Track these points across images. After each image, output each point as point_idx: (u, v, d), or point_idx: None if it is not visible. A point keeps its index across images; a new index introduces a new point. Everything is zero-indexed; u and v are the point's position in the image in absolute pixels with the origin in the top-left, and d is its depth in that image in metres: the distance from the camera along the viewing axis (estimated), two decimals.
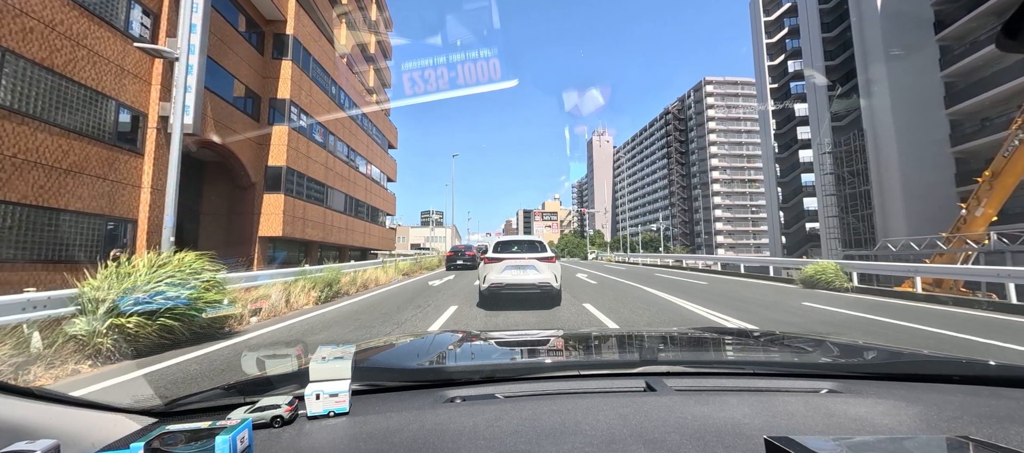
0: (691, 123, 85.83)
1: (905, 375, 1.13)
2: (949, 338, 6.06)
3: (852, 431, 0.80)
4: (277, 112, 19.32)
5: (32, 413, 0.73)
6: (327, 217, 23.61)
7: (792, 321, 7.52)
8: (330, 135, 24.22)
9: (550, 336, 1.82)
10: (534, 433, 0.77)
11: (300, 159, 20.36)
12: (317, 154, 22.34)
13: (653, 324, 6.99)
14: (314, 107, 22.03)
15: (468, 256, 24.48)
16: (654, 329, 3.95)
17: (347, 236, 26.84)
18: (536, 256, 8.12)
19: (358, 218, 29.22)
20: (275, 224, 18.60)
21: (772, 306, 9.19)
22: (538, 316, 7.49)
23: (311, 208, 21.52)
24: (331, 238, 24.11)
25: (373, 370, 1.21)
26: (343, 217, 26.11)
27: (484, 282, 8.17)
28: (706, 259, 28.15)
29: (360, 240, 29.38)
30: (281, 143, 19.07)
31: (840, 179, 34.29)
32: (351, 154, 28.02)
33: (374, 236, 32.79)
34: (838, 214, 34.50)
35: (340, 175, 25.73)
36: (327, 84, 23.82)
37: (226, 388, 1.01)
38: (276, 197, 18.76)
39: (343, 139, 26.44)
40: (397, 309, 8.88)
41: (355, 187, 28.39)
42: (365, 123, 31.08)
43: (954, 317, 7.96)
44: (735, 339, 1.84)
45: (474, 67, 14.79)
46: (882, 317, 7.87)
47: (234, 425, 0.70)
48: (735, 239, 79.49)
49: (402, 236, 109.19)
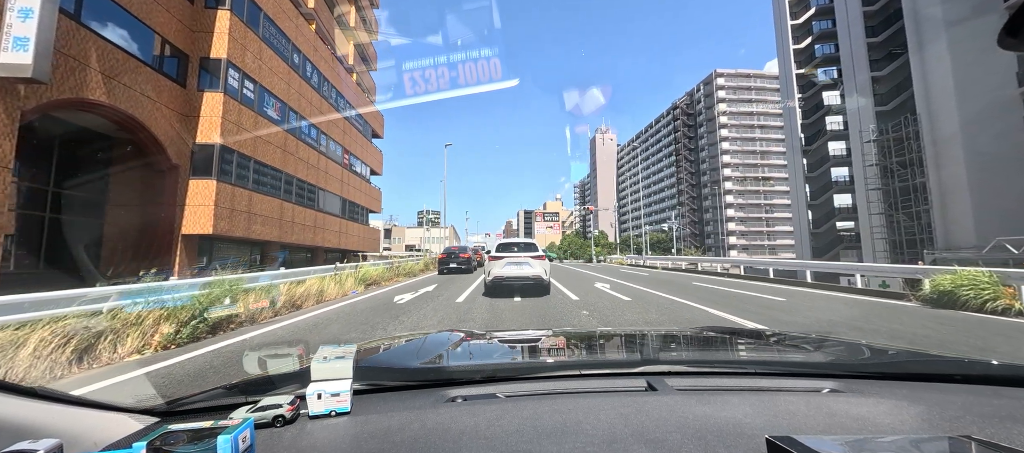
0: (701, 118, 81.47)
1: (907, 375, 1.12)
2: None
3: (854, 431, 0.79)
4: (211, 75, 15.14)
5: (35, 413, 0.73)
6: (286, 212, 19.38)
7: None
8: (291, 112, 20.02)
9: (551, 335, 1.82)
10: (535, 432, 0.77)
11: (245, 137, 16.16)
12: (271, 134, 18.13)
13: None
14: (267, 75, 17.83)
15: (462, 258, 20.31)
16: (655, 328, 3.79)
17: (317, 235, 22.60)
18: (530, 255, 10.36)
19: (332, 215, 24.99)
20: (204, 219, 14.39)
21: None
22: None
23: (262, 200, 17.30)
24: (292, 237, 19.87)
25: (374, 370, 1.21)
26: (310, 213, 21.89)
27: (489, 275, 10.34)
28: (727, 262, 23.79)
29: (335, 240, 25.14)
30: (214, 114, 14.86)
31: (887, 172, 30.04)
32: (323, 139, 23.81)
33: (354, 236, 28.56)
34: (884, 212, 30.24)
35: (307, 162, 21.51)
36: (286, 49, 19.62)
37: (228, 388, 1.01)
38: (206, 184, 14.55)
39: (311, 120, 22.25)
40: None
41: (328, 178, 24.17)
42: (342, 105, 26.89)
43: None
44: (737, 339, 1.78)
45: (475, 67, 14.46)
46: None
47: (236, 425, 0.71)
48: (748, 240, 75.11)
49: (398, 237, 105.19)
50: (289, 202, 19.66)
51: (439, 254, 21.75)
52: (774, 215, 76.61)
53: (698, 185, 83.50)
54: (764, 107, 77.74)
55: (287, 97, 19.58)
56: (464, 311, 8.38)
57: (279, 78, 18.88)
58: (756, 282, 15.68)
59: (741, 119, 76.69)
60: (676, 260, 32.21)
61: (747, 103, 77.47)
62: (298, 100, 20.66)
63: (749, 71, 78.23)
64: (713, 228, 79.38)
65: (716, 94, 77.59)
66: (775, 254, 73.87)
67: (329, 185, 24.35)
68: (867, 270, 13.46)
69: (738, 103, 77.24)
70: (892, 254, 29.31)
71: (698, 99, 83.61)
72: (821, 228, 41.17)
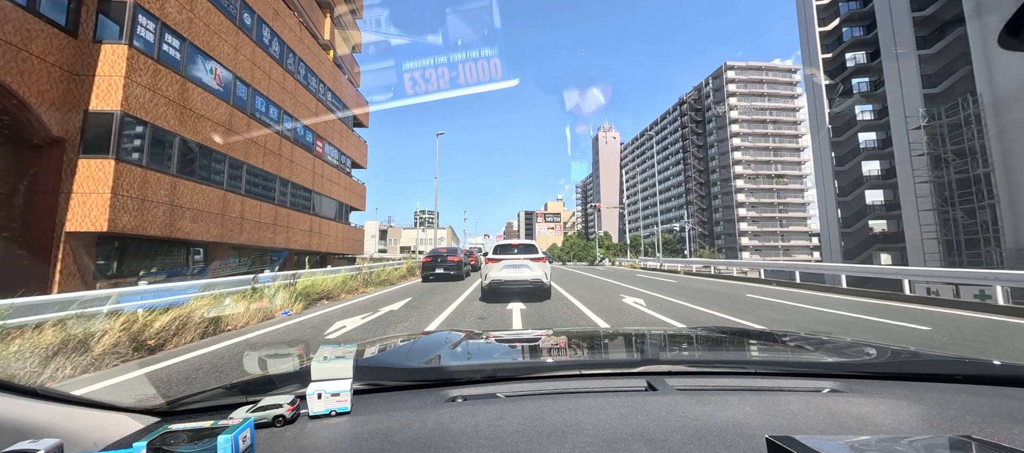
0: (710, 114, 77.67)
1: (907, 375, 1.11)
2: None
3: (854, 430, 0.79)
4: (114, 23, 11.51)
5: (35, 413, 0.73)
6: (232, 206, 15.73)
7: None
8: (240, 83, 16.38)
9: (551, 335, 1.78)
10: (535, 432, 0.77)
11: (163, 105, 12.52)
12: (208, 107, 14.49)
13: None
14: (202, 33, 14.19)
15: (451, 263, 16.74)
16: (655, 328, 3.57)
17: (278, 235, 18.94)
18: (530, 257, 9.63)
19: (301, 211, 21.33)
20: (97, 211, 10.73)
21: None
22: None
23: (193, 189, 13.64)
24: (240, 237, 16.21)
25: (375, 369, 1.20)
26: (268, 207, 18.24)
27: (486, 279, 9.56)
28: (743, 265, 19.92)
29: (304, 241, 21.48)
30: (114, 73, 11.21)
31: (939, 162, 26.35)
32: (288, 121, 20.17)
33: (330, 237, 24.91)
34: (936, 207, 26.53)
35: (263, 147, 17.87)
36: (233, 6, 15.97)
37: (228, 387, 1.01)
38: (101, 164, 10.90)
39: (272, 97, 18.60)
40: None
41: (293, 168, 20.51)
42: (316, 85, 23.26)
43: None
44: (737, 339, 1.78)
45: (475, 66, 14.23)
46: None
47: (236, 424, 0.70)
48: (761, 241, 71.25)
49: (394, 239, 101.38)
50: (236, 193, 15.99)
51: (423, 257, 18.01)
52: (788, 214, 72.79)
53: (707, 183, 79.71)
54: (777, 100, 74.03)
55: (235, 65, 15.94)
56: None
57: (223, 40, 15.23)
58: (823, 292, 11.95)
59: (753, 114, 72.93)
60: (688, 263, 28.59)
61: (759, 97, 73.73)
62: (251, 71, 17.02)
63: (761, 64, 74.51)
64: (723, 228, 75.55)
65: (726, 88, 73.84)
66: (789, 256, 69.94)
67: (295, 176, 20.68)
68: (945, 277, 10.03)
69: (749, 97, 73.49)
70: (948, 256, 25.60)
71: (707, 93, 79.87)
72: (851, 227, 37.43)
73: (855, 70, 37.44)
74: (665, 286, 14.42)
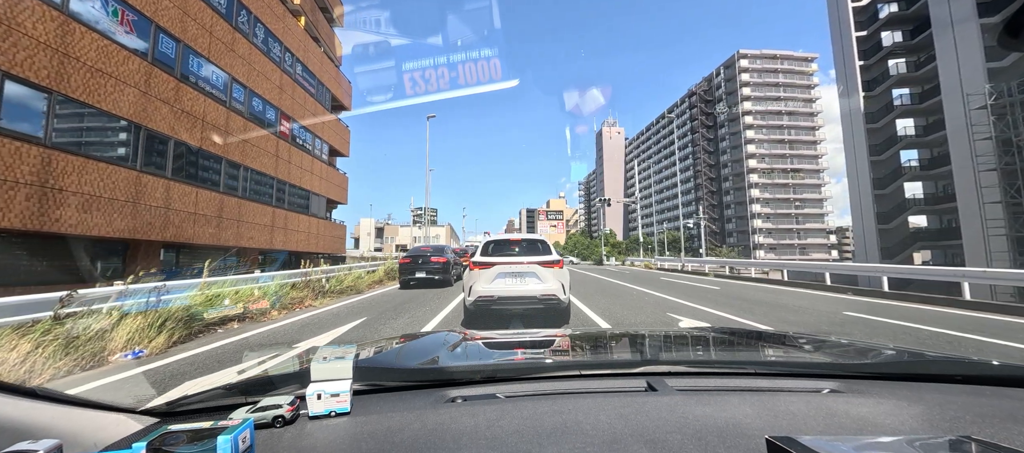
0: (721, 106, 73.87)
1: (907, 375, 1.10)
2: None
3: (854, 431, 0.79)
4: None
5: (35, 413, 0.72)
6: (152, 192, 12.24)
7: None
8: (164, 35, 12.86)
9: (551, 336, 1.81)
10: (535, 433, 0.76)
11: (26, 50, 9.05)
12: (116, 61, 11.01)
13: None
14: None
15: (435, 264, 13.34)
16: (655, 329, 3.60)
17: (224, 231, 15.45)
18: (538, 259, 6.13)
19: (260, 203, 17.86)
20: None
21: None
22: None
23: (86, 167, 10.16)
24: (167, 233, 12.71)
25: (374, 370, 1.19)
26: (212, 195, 14.75)
27: (470, 294, 6.09)
28: (764, 265, 16.40)
29: (265, 239, 18.01)
30: None
31: (1009, 146, 22.72)
32: (239, 91, 16.67)
33: (301, 233, 21.44)
34: (1005, 199, 22.91)
35: (202, 120, 14.38)
36: None
37: (228, 388, 1.00)
38: None
39: (214, 60, 15.11)
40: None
41: (247, 149, 17.01)
42: (279, 52, 19.76)
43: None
44: (737, 339, 1.74)
45: (475, 67, 14.31)
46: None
47: (236, 425, 0.70)
48: (776, 239, 67.51)
49: (391, 236, 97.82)
50: (158, 177, 12.50)
51: (400, 258, 14.48)
52: (804, 211, 69.04)
53: (718, 178, 75.98)
54: (793, 91, 70.23)
55: (154, 13, 12.44)
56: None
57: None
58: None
59: (767, 105, 69.14)
60: (702, 262, 25.12)
61: (774, 87, 69.89)
62: (182, 21, 13.52)
63: (776, 52, 70.69)
64: (735, 226, 71.88)
65: (739, 78, 70.06)
66: (805, 254, 66.24)
67: (249, 159, 17.20)
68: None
69: (764, 87, 69.67)
70: (1020, 255, 22.01)
71: (718, 84, 76.10)
72: (889, 224, 33.79)
73: (892, 50, 33.76)
74: (711, 296, 10.90)
